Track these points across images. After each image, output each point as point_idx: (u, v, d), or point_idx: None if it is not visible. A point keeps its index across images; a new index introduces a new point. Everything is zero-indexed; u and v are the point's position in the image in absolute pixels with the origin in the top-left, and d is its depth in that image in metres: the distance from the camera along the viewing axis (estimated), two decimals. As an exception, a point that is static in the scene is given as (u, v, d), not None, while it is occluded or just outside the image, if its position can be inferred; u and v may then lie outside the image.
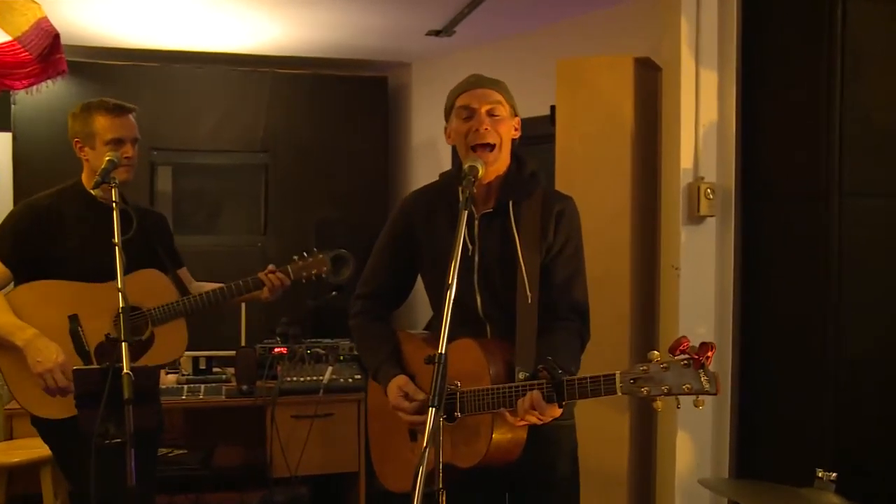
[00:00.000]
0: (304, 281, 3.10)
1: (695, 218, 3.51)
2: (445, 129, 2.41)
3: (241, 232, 5.34)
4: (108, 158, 2.73)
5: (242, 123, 5.29)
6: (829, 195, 3.23)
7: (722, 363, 3.50)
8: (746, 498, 2.53)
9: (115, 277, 2.41)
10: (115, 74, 5.09)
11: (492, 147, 2.29)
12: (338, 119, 5.44)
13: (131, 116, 2.93)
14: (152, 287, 2.97)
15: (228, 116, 5.26)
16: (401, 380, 2.36)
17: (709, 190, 3.47)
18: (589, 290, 2.42)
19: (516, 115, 2.39)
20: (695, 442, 3.52)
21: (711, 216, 3.52)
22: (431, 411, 1.78)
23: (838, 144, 3.22)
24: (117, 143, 2.86)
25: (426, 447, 1.71)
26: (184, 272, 3.21)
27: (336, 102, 5.45)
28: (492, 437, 2.16)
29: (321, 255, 3.12)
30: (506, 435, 2.19)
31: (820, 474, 2.32)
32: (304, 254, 3.12)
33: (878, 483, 3.04)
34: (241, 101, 5.29)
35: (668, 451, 3.55)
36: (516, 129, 2.38)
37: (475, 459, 2.19)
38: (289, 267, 3.10)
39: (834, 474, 2.31)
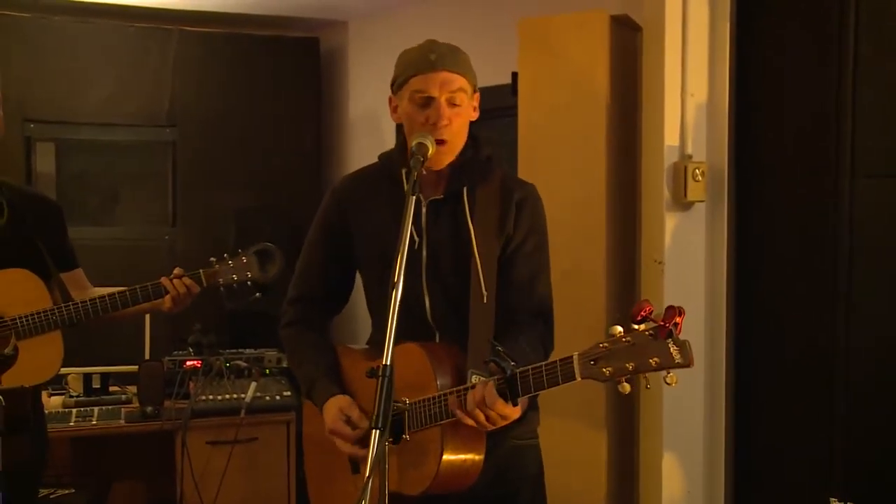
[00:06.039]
0: (221, 289, 3.00)
1: (681, 203, 3.56)
2: (391, 100, 2.44)
3: (145, 223, 5.26)
4: None
5: (143, 92, 5.19)
6: (840, 175, 3.26)
7: (715, 373, 3.59)
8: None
9: None
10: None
11: (445, 143, 2.33)
12: (259, 88, 5.38)
13: None
14: (19, 291, 2.89)
15: (125, 83, 5.16)
16: (343, 401, 2.38)
17: (697, 171, 3.52)
18: (557, 287, 2.47)
19: (476, 92, 2.43)
20: (684, 464, 3.58)
21: (701, 201, 3.58)
22: (375, 434, 1.81)
23: (851, 114, 3.22)
24: None
25: (369, 476, 1.74)
26: (77, 275, 3.12)
27: (257, 68, 5.39)
28: (442, 455, 2.19)
29: (245, 258, 3.01)
30: (459, 455, 2.21)
31: (833, 504, 2.37)
32: (225, 255, 3.02)
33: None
34: (140, 64, 5.19)
35: (653, 476, 3.60)
36: (475, 109, 2.43)
37: (424, 483, 2.21)
38: (201, 271, 2.99)
39: (850, 504, 2.36)
